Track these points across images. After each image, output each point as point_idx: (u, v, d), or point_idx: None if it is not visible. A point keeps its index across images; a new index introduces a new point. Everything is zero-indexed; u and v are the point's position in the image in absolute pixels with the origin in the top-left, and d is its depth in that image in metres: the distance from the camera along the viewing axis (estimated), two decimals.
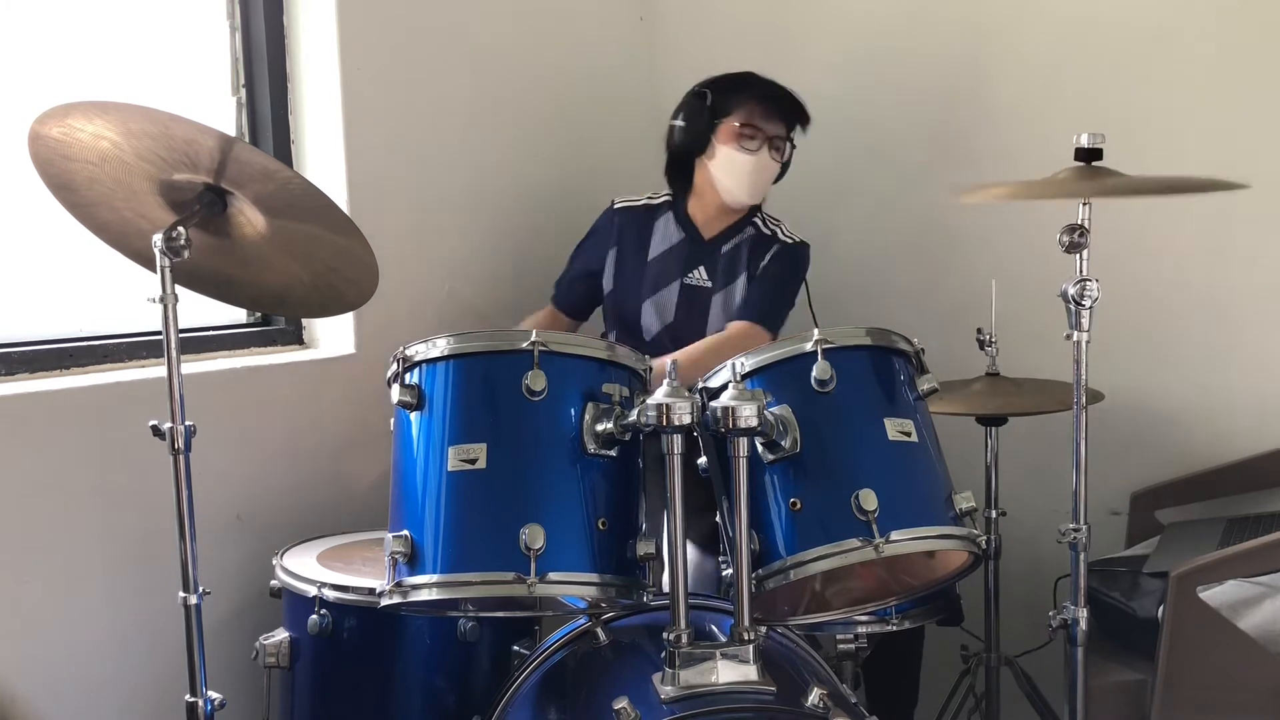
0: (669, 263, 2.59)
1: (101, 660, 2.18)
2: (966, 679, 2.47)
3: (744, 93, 2.52)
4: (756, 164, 2.51)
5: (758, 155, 2.51)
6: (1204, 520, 2.50)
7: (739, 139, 2.51)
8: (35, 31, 2.25)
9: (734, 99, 2.52)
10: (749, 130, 2.50)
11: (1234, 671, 2.09)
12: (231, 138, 1.77)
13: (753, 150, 2.51)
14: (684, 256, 2.59)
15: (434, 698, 2.05)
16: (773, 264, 2.58)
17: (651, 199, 2.66)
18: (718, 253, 2.59)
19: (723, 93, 2.53)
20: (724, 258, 2.59)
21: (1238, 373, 2.68)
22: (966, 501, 1.70)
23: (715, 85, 2.55)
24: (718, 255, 2.59)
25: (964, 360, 2.42)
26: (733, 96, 2.52)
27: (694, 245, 2.60)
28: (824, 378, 1.68)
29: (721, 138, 2.52)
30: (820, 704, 1.60)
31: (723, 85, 2.54)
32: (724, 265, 2.58)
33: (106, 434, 2.15)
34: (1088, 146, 1.93)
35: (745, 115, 2.50)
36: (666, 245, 2.60)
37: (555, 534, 1.61)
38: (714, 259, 2.59)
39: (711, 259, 2.59)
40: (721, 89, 2.53)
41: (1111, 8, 2.72)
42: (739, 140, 2.51)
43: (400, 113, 2.67)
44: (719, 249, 2.59)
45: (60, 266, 2.24)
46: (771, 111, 2.52)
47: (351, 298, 2.02)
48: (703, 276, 2.58)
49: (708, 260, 2.59)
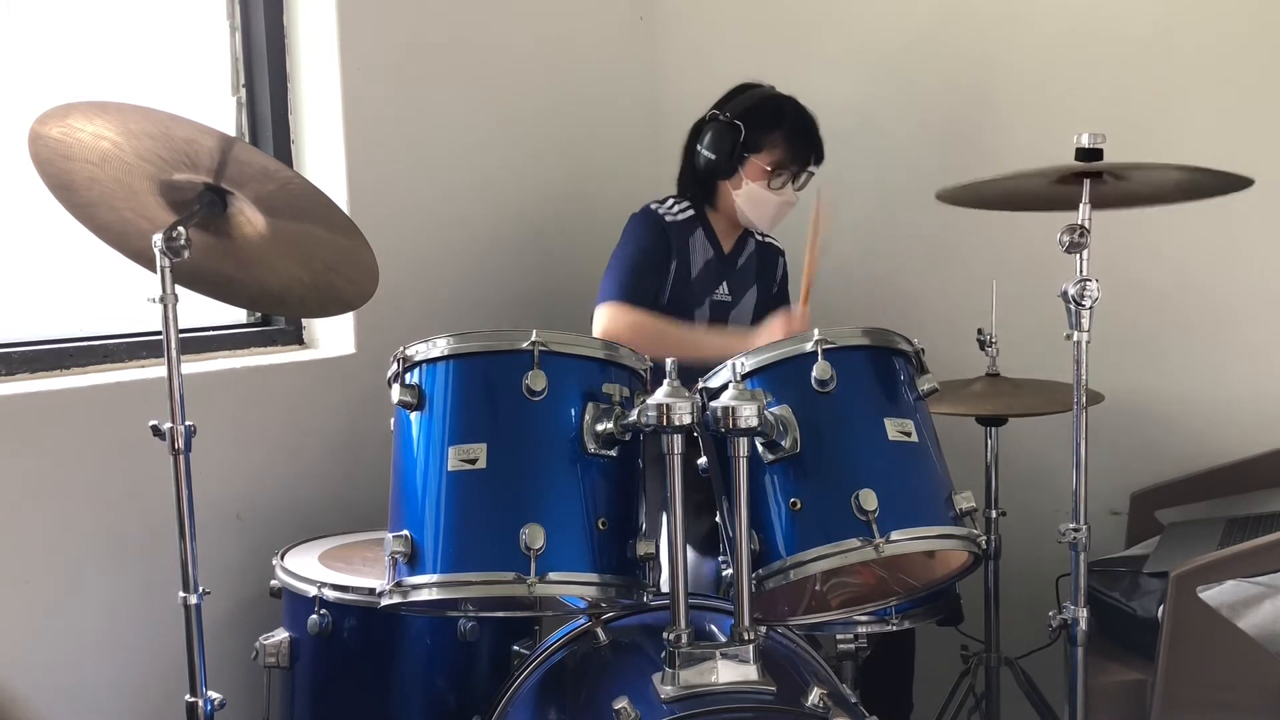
0: (706, 280, 2.58)
1: (101, 660, 2.18)
2: (966, 679, 2.47)
3: (777, 129, 2.48)
4: (781, 201, 2.52)
5: (784, 192, 2.51)
6: (1204, 520, 2.51)
7: (768, 178, 2.49)
8: (35, 31, 2.25)
9: (766, 136, 2.48)
10: (780, 171, 2.49)
11: (1234, 671, 2.09)
12: (231, 138, 1.77)
13: (779, 189, 2.50)
14: (714, 274, 2.59)
15: (434, 698, 2.05)
16: (786, 274, 2.70)
17: (681, 210, 2.57)
18: (735, 266, 2.63)
19: (756, 127, 2.48)
20: (739, 272, 2.64)
21: (1238, 373, 2.68)
22: (966, 501, 1.70)
23: (749, 118, 2.48)
24: (735, 269, 2.63)
25: (964, 360, 2.42)
26: (766, 134, 2.48)
27: (721, 263, 2.60)
28: (824, 378, 1.68)
29: (750, 173, 2.50)
30: (820, 704, 1.60)
31: (756, 119, 2.49)
32: (739, 279, 2.63)
33: (106, 434, 2.15)
34: (1088, 146, 1.93)
35: (776, 157, 2.48)
36: (703, 262, 2.57)
37: (555, 534, 1.61)
38: (733, 273, 2.62)
39: (731, 273, 2.62)
40: (755, 123, 2.48)
41: (1112, 8, 2.73)
42: (768, 179, 2.49)
43: (400, 113, 2.67)
44: (736, 263, 2.63)
45: (60, 266, 2.24)
46: (803, 150, 2.51)
47: (351, 298, 2.02)
48: (725, 292, 2.60)
49: (729, 276, 2.61)
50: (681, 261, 2.53)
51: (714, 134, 2.52)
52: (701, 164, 2.54)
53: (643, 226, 2.54)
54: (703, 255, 2.57)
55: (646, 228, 2.54)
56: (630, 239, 2.54)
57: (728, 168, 2.51)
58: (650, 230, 2.53)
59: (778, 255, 2.74)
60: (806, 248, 2.41)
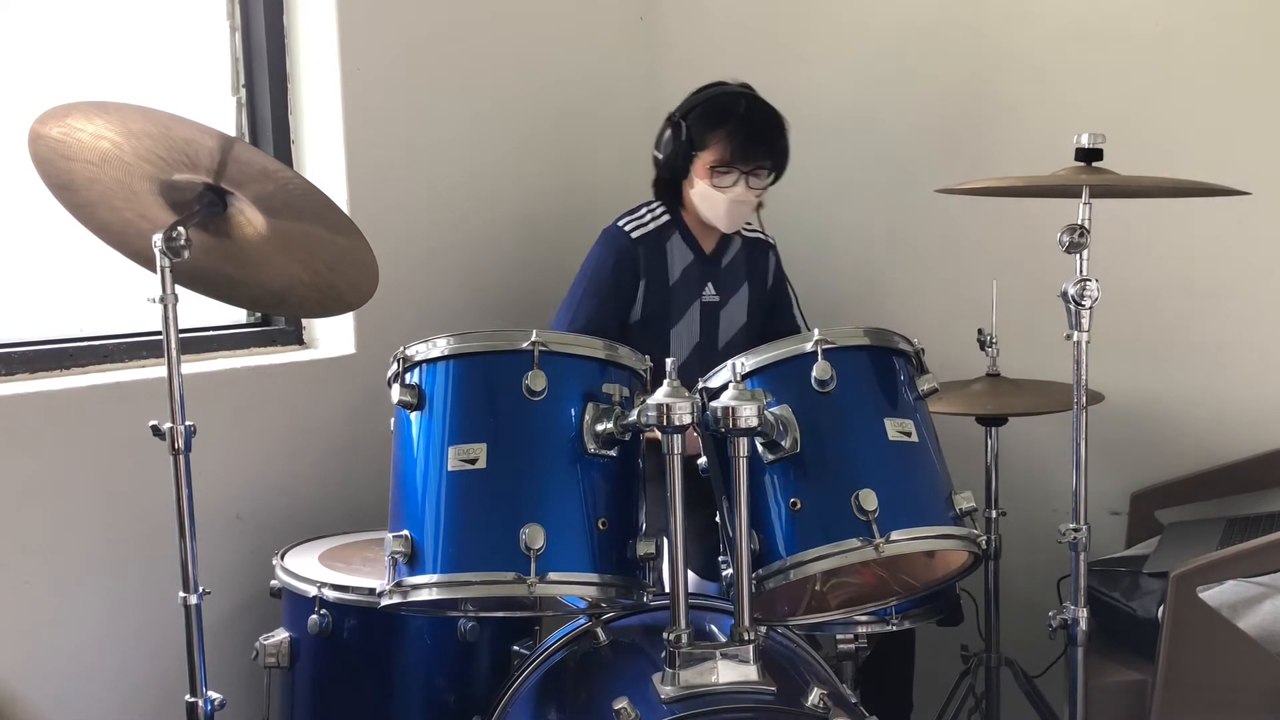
0: (688, 284, 2.55)
1: (101, 660, 2.18)
2: (966, 679, 2.47)
3: (721, 126, 2.41)
4: (731, 199, 2.43)
5: (732, 190, 2.43)
6: (1204, 520, 2.51)
7: (711, 176, 2.43)
8: (35, 31, 2.25)
9: (709, 134, 2.42)
10: (724, 169, 2.42)
11: (1234, 671, 2.09)
12: (231, 138, 1.77)
13: (726, 187, 2.43)
14: (698, 276, 2.56)
15: (434, 698, 2.05)
16: (780, 268, 2.66)
17: (654, 218, 2.54)
18: (720, 266, 2.60)
19: (699, 124, 2.43)
20: (725, 271, 2.60)
21: (1237, 373, 2.68)
22: (966, 501, 1.70)
23: (691, 115, 2.45)
24: (720, 269, 2.60)
25: (964, 360, 2.42)
26: (708, 131, 2.42)
27: (703, 263, 2.57)
28: (824, 378, 1.68)
29: (698, 171, 2.45)
30: (820, 704, 1.60)
31: (699, 116, 2.44)
32: (726, 278, 2.60)
33: (106, 434, 2.15)
34: (1088, 146, 1.93)
35: (718, 154, 2.41)
36: (683, 266, 2.54)
37: (555, 534, 1.61)
38: (718, 273, 2.59)
39: (716, 273, 2.59)
40: (698, 120, 2.44)
41: (1111, 8, 2.73)
42: (711, 178, 2.43)
43: (400, 113, 2.67)
44: (720, 262, 2.60)
45: (60, 266, 2.24)
46: (747, 148, 2.41)
47: (351, 298, 2.02)
48: (713, 292, 2.57)
49: (714, 275, 2.58)
50: (655, 273, 2.50)
51: (665, 134, 2.51)
52: (659, 165, 2.54)
53: (604, 249, 2.51)
54: (681, 260, 2.54)
55: (607, 250, 2.50)
56: (589, 266, 2.51)
57: (681, 167, 2.48)
58: (611, 254, 2.49)
59: (768, 250, 2.68)
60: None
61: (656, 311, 2.51)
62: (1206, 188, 1.96)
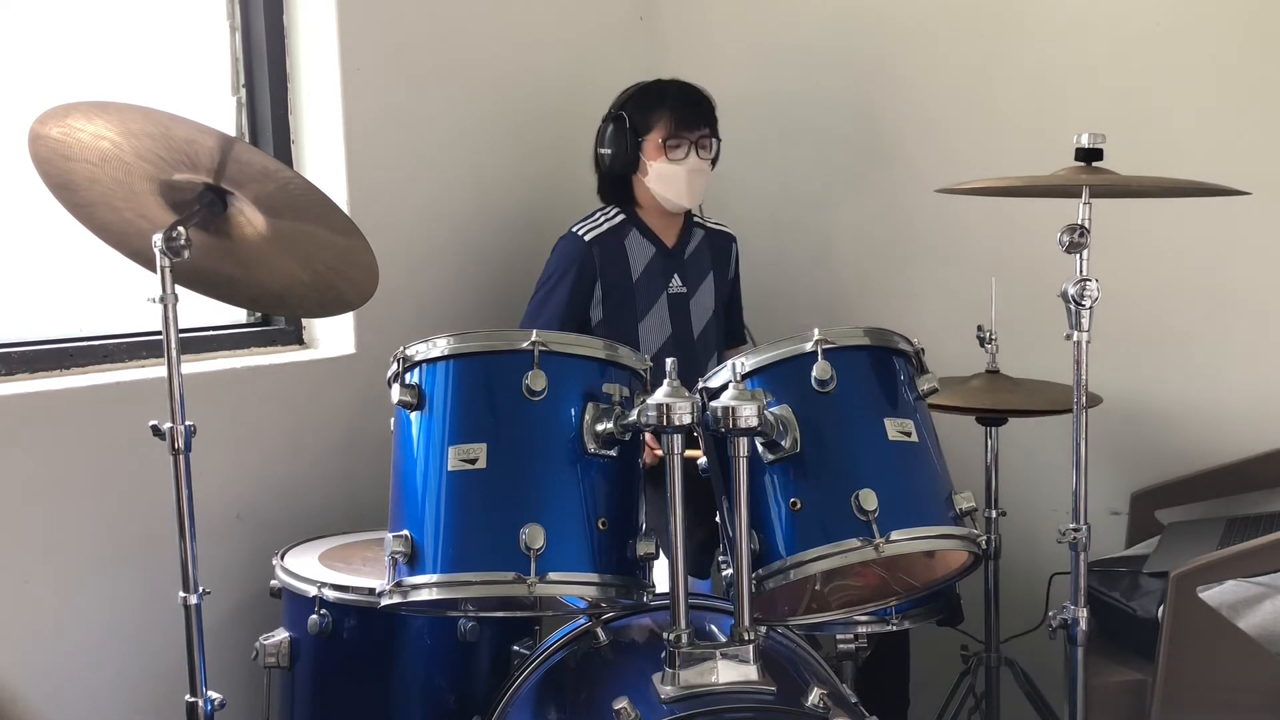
0: (652, 278, 2.62)
1: (101, 660, 2.18)
2: (966, 679, 2.47)
3: (661, 105, 2.55)
4: (688, 170, 2.55)
5: (687, 161, 2.54)
6: (1204, 520, 2.51)
7: (665, 152, 2.54)
8: (35, 31, 2.25)
9: (651, 114, 2.55)
10: (674, 142, 2.54)
11: (1234, 671, 2.09)
12: (231, 138, 1.77)
13: (681, 159, 2.54)
14: (661, 268, 2.63)
15: (434, 698, 2.05)
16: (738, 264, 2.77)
17: (608, 219, 2.63)
18: (684, 258, 2.67)
19: (639, 110, 2.56)
20: (689, 262, 2.67)
21: (1237, 373, 2.68)
22: (966, 501, 1.70)
23: (629, 104, 2.58)
24: (684, 260, 2.66)
25: (964, 359, 2.42)
26: (649, 113, 2.55)
27: (666, 256, 2.64)
28: (824, 378, 1.68)
29: (649, 154, 2.56)
30: (820, 704, 1.60)
31: (637, 104, 2.57)
32: (691, 269, 2.67)
33: (106, 434, 2.15)
34: (1088, 146, 1.93)
35: (665, 128, 2.54)
36: (645, 261, 2.61)
37: (555, 534, 1.61)
38: (682, 264, 2.66)
39: (680, 265, 2.65)
40: (636, 107, 2.57)
41: (1112, 8, 2.73)
42: (666, 154, 2.54)
43: (400, 113, 2.67)
44: (684, 254, 2.67)
45: (60, 266, 2.24)
46: (689, 117, 2.55)
47: (351, 298, 2.02)
48: (679, 284, 2.64)
49: (678, 267, 2.65)
50: (615, 272, 2.58)
51: (606, 132, 2.60)
52: (606, 165, 2.61)
53: (557, 256, 2.60)
54: (643, 255, 2.61)
55: (559, 256, 2.60)
56: (544, 273, 2.61)
57: (630, 160, 2.57)
58: (563, 259, 2.58)
59: (729, 242, 2.77)
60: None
61: (620, 308, 2.58)
62: (1206, 188, 1.96)
